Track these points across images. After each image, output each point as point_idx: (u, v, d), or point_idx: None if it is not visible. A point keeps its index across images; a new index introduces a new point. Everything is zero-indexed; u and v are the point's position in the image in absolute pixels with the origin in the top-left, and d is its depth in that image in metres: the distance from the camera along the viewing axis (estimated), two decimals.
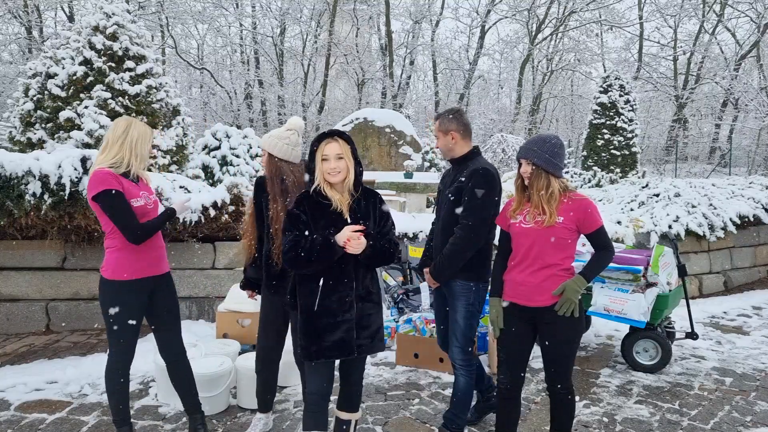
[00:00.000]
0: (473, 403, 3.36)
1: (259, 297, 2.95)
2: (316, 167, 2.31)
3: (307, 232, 2.27)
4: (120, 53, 7.07)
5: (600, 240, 2.46)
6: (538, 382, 3.87)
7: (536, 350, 4.57)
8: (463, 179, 2.77)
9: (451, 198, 2.81)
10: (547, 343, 2.48)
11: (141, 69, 7.14)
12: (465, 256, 2.76)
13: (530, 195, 2.46)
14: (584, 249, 4.75)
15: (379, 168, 14.19)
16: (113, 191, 2.47)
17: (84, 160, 4.32)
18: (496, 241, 2.78)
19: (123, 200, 2.49)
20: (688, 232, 6.48)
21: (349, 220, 2.31)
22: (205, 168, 6.82)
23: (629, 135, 14.66)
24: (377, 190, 2.61)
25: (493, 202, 2.75)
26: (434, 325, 4.28)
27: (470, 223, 2.71)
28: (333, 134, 2.32)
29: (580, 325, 2.49)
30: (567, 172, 16.57)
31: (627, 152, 14.59)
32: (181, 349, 2.85)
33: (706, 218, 6.67)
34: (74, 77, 6.83)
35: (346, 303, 2.31)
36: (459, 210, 2.77)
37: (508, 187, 6.86)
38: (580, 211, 2.40)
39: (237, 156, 5.51)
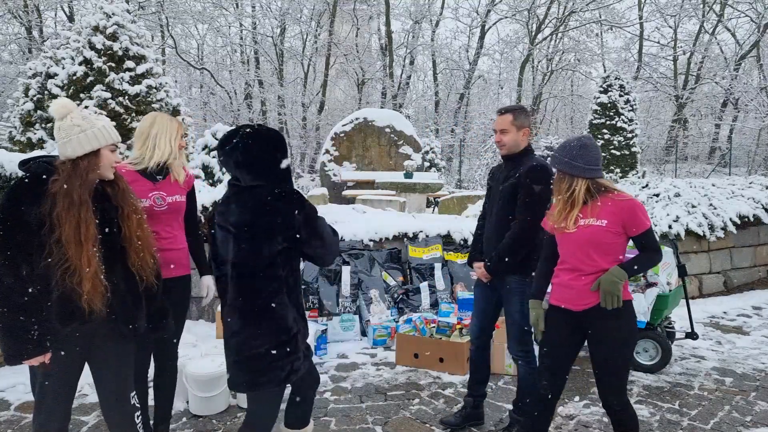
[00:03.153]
0: (458, 406, 3.36)
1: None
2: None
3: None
4: (120, 53, 7.07)
5: (647, 243, 2.34)
6: None
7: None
8: (518, 175, 2.84)
9: (507, 194, 2.88)
10: (594, 350, 2.37)
11: (141, 69, 7.15)
12: (522, 251, 2.83)
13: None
14: None
15: (379, 168, 14.19)
16: None
17: None
18: None
19: None
20: (688, 232, 6.48)
21: None
22: (205, 168, 6.83)
23: (629, 135, 14.67)
24: (378, 190, 2.58)
25: (548, 198, 2.81)
26: (434, 325, 4.29)
27: (528, 218, 2.78)
28: None
29: (630, 328, 2.36)
30: None
31: (627, 152, 14.61)
32: (174, 355, 2.77)
33: (706, 218, 6.67)
34: (74, 77, 6.84)
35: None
36: (516, 206, 2.84)
37: None
38: (624, 212, 2.29)
39: None
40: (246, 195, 2.05)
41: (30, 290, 1.91)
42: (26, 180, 1.96)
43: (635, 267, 2.34)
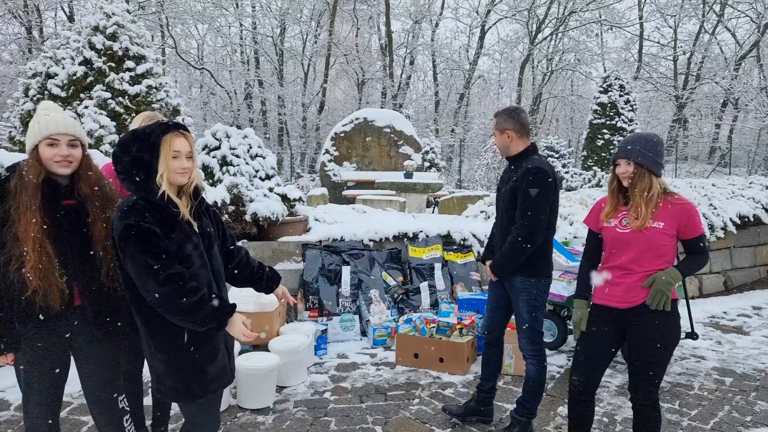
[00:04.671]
0: (467, 399, 3.39)
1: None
2: (161, 164, 1.84)
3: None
4: (120, 53, 7.08)
5: (698, 247, 2.31)
6: None
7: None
8: (515, 178, 2.87)
9: (508, 196, 2.92)
10: (633, 346, 2.33)
11: (141, 69, 7.15)
12: (523, 254, 2.83)
13: (631, 196, 2.32)
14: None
15: (379, 168, 14.20)
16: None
17: None
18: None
19: None
20: None
21: (197, 231, 1.96)
22: (205, 168, 6.82)
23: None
24: (376, 190, 2.52)
25: (547, 200, 2.80)
26: (434, 325, 4.29)
27: (526, 223, 2.79)
28: (178, 127, 1.90)
29: (672, 331, 2.30)
30: (567, 172, 16.57)
31: None
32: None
33: (706, 218, 6.67)
34: (74, 77, 6.84)
35: None
36: (516, 209, 2.88)
37: None
38: (682, 215, 2.26)
39: (237, 156, 5.51)
40: None
41: None
42: None
43: (688, 270, 2.32)
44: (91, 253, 2.05)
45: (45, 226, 1.94)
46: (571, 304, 4.46)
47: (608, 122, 14.68)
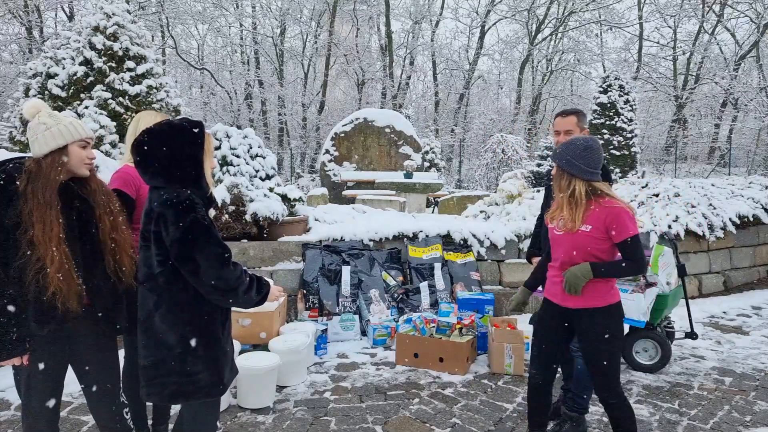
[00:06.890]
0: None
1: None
2: (206, 162, 1.96)
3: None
4: (120, 53, 7.09)
5: (627, 251, 2.31)
6: None
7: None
8: None
9: None
10: (581, 343, 2.44)
11: (141, 69, 7.16)
12: None
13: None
14: None
15: (379, 168, 14.21)
16: (122, 193, 2.43)
17: None
18: None
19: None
20: (688, 232, 6.48)
21: None
22: None
23: (629, 135, 14.68)
24: (376, 190, 2.55)
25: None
26: (434, 324, 4.30)
27: None
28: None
29: (614, 326, 2.39)
30: None
31: (626, 152, 14.62)
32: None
33: (706, 218, 6.67)
34: (74, 77, 6.85)
35: None
36: None
37: (507, 187, 6.86)
38: (608, 218, 2.31)
39: (237, 156, 5.52)
40: (150, 196, 1.92)
41: (9, 292, 1.90)
42: (0, 182, 1.94)
43: (603, 270, 2.31)
44: (98, 251, 2.07)
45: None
46: None
47: (608, 122, 14.69)
